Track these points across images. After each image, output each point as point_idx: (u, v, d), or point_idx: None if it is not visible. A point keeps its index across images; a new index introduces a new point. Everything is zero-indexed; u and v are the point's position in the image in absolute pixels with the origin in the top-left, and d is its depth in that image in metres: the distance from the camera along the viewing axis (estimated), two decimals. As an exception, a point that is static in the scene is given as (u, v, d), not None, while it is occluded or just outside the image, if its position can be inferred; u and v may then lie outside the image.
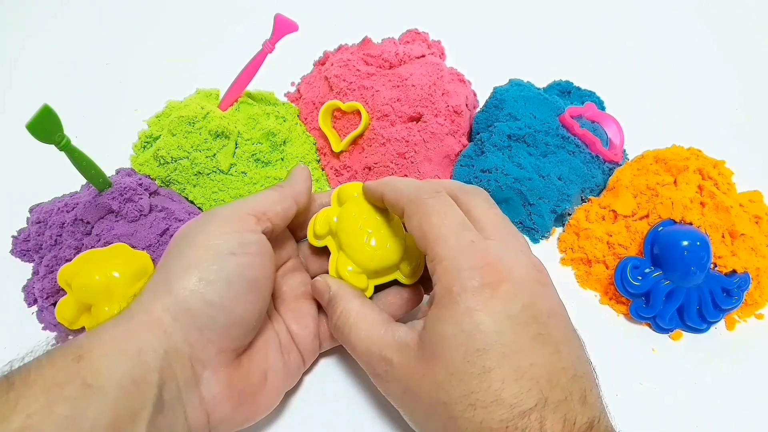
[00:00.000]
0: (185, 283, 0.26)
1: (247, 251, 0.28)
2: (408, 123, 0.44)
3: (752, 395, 0.35)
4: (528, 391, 0.23)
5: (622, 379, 0.35)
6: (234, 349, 0.28)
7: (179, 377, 0.25)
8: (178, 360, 0.25)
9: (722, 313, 0.37)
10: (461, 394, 0.23)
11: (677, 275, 0.36)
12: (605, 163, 0.44)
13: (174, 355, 0.25)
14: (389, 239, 0.32)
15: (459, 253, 0.25)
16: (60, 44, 0.56)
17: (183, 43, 0.57)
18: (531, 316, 0.24)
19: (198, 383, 0.26)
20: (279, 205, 0.30)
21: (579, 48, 0.58)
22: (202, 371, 0.26)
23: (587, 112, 0.45)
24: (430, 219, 0.27)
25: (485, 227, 0.27)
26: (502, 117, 0.44)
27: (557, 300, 0.27)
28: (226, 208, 0.29)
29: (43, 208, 0.39)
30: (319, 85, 0.48)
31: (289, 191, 0.31)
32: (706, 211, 0.38)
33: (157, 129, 0.44)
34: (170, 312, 0.25)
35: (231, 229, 0.28)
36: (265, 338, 0.30)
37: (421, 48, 0.49)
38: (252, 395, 0.29)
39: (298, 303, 0.33)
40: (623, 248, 0.39)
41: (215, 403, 0.27)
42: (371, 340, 0.28)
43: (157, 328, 0.25)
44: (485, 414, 0.23)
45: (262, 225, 0.29)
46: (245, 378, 0.28)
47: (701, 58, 0.58)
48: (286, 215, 0.30)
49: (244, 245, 0.28)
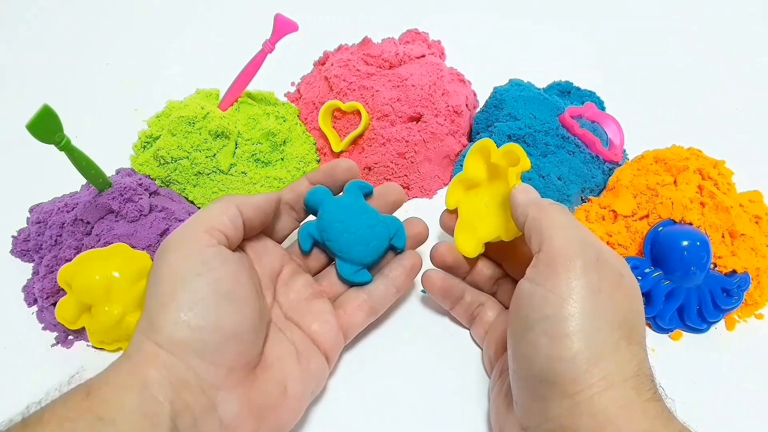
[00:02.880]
0: (166, 318, 0.26)
1: (211, 267, 0.27)
2: (408, 123, 0.44)
3: (752, 395, 0.35)
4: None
5: (622, 379, 0.35)
6: (242, 365, 0.28)
7: (193, 406, 0.25)
8: (187, 390, 0.25)
9: (722, 313, 0.37)
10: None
11: (677, 275, 0.36)
12: (605, 163, 0.44)
13: (182, 385, 0.25)
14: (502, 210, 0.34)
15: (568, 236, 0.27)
16: (60, 44, 0.56)
17: (183, 43, 0.57)
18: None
19: (215, 407, 0.26)
20: (225, 216, 0.30)
21: (579, 48, 0.58)
22: (216, 394, 0.26)
23: (587, 112, 0.45)
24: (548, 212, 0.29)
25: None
26: (502, 117, 0.44)
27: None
28: (178, 232, 0.29)
29: (43, 208, 0.39)
30: (319, 85, 0.48)
31: (233, 200, 0.31)
32: (706, 211, 0.38)
33: (157, 129, 0.44)
34: (163, 348, 0.26)
35: (188, 251, 0.28)
36: (279, 349, 0.30)
37: (421, 48, 0.49)
38: (273, 408, 0.28)
39: (311, 305, 0.33)
40: (623, 248, 0.39)
41: (237, 423, 0.27)
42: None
43: (156, 362, 0.25)
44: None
45: (217, 238, 0.29)
46: (263, 392, 0.28)
47: (701, 58, 0.58)
48: (235, 224, 0.30)
49: (205, 263, 0.27)
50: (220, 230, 0.29)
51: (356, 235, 0.34)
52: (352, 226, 0.34)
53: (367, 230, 0.34)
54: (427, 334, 0.37)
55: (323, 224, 0.34)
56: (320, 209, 0.34)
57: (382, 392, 0.34)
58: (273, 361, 0.30)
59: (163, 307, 0.26)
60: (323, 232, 0.34)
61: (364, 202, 0.35)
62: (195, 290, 0.27)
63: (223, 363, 0.27)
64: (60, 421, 0.22)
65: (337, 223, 0.34)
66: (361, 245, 0.34)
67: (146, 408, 0.24)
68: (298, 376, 0.30)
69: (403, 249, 0.35)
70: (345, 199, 0.34)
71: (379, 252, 0.34)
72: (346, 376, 0.35)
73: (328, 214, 0.34)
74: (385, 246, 0.35)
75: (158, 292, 0.27)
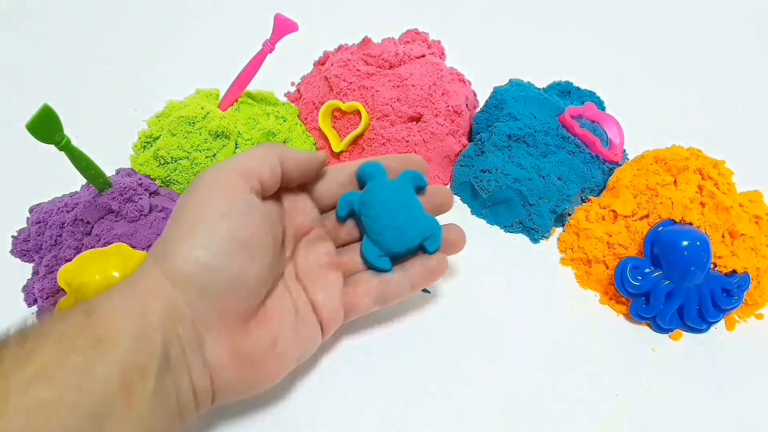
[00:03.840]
0: (180, 250, 0.26)
1: (237, 212, 0.28)
2: (408, 123, 0.44)
3: (752, 395, 0.35)
4: None
5: (622, 379, 0.35)
6: (239, 313, 0.28)
7: (183, 338, 0.26)
8: (181, 321, 0.26)
9: (722, 313, 0.37)
10: None
11: (677, 275, 0.36)
12: (605, 163, 0.44)
13: (177, 316, 0.26)
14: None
15: None
16: (60, 44, 0.56)
17: (183, 43, 0.57)
18: None
19: (202, 345, 0.27)
20: (265, 164, 0.30)
21: (579, 48, 0.58)
22: (206, 334, 0.27)
23: (587, 112, 0.45)
24: None
25: None
26: (502, 117, 0.44)
27: None
28: (212, 170, 0.29)
29: (43, 208, 0.39)
30: (319, 85, 0.48)
31: (276, 149, 0.31)
32: (706, 211, 0.38)
33: (157, 129, 0.44)
34: (169, 278, 0.26)
35: (219, 191, 0.28)
36: (279, 306, 0.31)
37: (421, 48, 0.49)
38: (258, 361, 0.29)
39: (324, 273, 0.33)
40: (623, 248, 0.39)
41: (219, 366, 0.27)
42: None
43: (158, 291, 0.26)
44: None
45: (250, 184, 0.29)
46: (253, 342, 0.28)
47: (701, 58, 0.58)
48: (273, 174, 0.30)
49: (232, 207, 0.28)
50: (256, 177, 0.29)
51: (393, 220, 0.33)
52: (392, 211, 0.33)
53: (406, 220, 0.33)
54: (428, 334, 0.37)
55: (366, 198, 0.33)
56: (369, 183, 0.34)
57: (376, 383, 0.34)
58: (271, 315, 0.30)
59: (179, 239, 0.27)
60: (363, 206, 0.33)
61: (413, 193, 0.34)
62: (214, 231, 0.27)
63: (222, 307, 0.27)
64: (59, 337, 0.22)
65: (380, 202, 0.33)
66: (395, 232, 0.33)
67: (144, 334, 0.24)
68: (291, 337, 0.30)
69: (433, 252, 0.34)
70: (396, 183, 0.34)
71: (409, 246, 0.34)
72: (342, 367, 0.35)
73: (374, 190, 0.33)
74: (417, 243, 0.34)
75: (179, 224, 0.27)
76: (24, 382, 0.21)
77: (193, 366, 0.26)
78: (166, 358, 0.25)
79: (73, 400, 0.21)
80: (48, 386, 0.21)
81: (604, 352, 0.36)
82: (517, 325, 0.37)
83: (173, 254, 0.26)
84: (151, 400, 0.24)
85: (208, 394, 0.27)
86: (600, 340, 0.37)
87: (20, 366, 0.21)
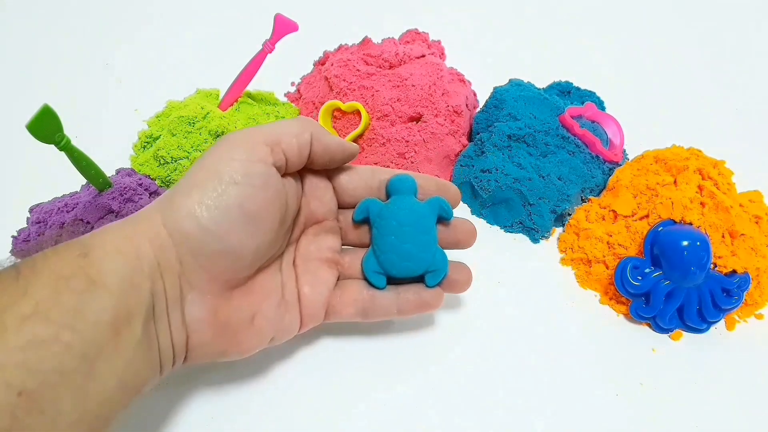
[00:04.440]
0: (185, 203, 0.26)
1: (252, 182, 0.27)
2: (408, 123, 0.44)
3: (752, 395, 0.35)
4: None
5: (622, 379, 0.35)
6: (225, 280, 0.28)
7: (168, 291, 0.26)
8: (168, 275, 0.26)
9: (722, 313, 0.37)
10: None
11: (677, 275, 0.36)
12: (605, 163, 0.44)
13: (166, 268, 0.26)
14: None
15: None
16: (60, 44, 0.56)
17: (183, 43, 0.57)
18: None
19: (183, 302, 0.27)
20: (295, 138, 0.29)
21: (579, 48, 0.58)
22: (189, 292, 0.27)
23: (587, 112, 0.45)
24: None
25: None
26: (502, 117, 0.44)
27: None
28: (241, 133, 0.28)
29: (43, 208, 0.39)
30: (319, 85, 0.48)
31: (310, 127, 0.30)
32: (706, 211, 0.38)
33: (157, 129, 0.44)
34: (168, 228, 0.26)
35: (240, 156, 0.27)
36: (267, 285, 0.30)
37: (421, 48, 0.49)
38: (234, 331, 0.29)
39: (320, 268, 0.32)
40: (623, 248, 0.39)
41: (196, 326, 0.27)
42: None
43: (155, 239, 0.25)
44: None
45: (275, 156, 0.28)
46: (232, 312, 0.28)
47: (701, 58, 0.58)
48: (301, 152, 0.29)
49: (249, 176, 0.27)
50: (282, 151, 0.28)
51: (401, 244, 0.32)
52: (404, 234, 0.32)
53: (413, 248, 0.32)
54: (427, 334, 0.37)
55: (385, 211, 0.32)
56: (394, 196, 0.33)
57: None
58: (257, 290, 0.30)
59: (188, 192, 0.26)
60: (379, 217, 0.32)
61: (433, 222, 0.33)
62: (223, 195, 0.26)
63: (209, 270, 0.27)
64: (53, 276, 0.22)
65: (395, 221, 0.32)
66: (397, 257, 0.32)
67: (134, 281, 0.24)
68: (270, 317, 0.30)
69: (432, 287, 0.33)
70: (420, 206, 0.32)
71: (407, 275, 0.33)
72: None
73: (395, 206, 0.32)
74: (416, 274, 0.33)
75: (193, 177, 0.27)
76: (20, 319, 0.21)
77: (173, 320, 0.26)
78: (151, 307, 0.25)
79: (67, 340, 0.21)
80: (44, 325, 0.21)
81: (604, 352, 0.36)
82: (516, 325, 0.37)
83: (177, 206, 0.26)
84: (136, 347, 0.24)
85: (182, 351, 0.27)
86: (600, 340, 0.37)
87: (16, 301, 0.21)
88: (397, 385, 0.34)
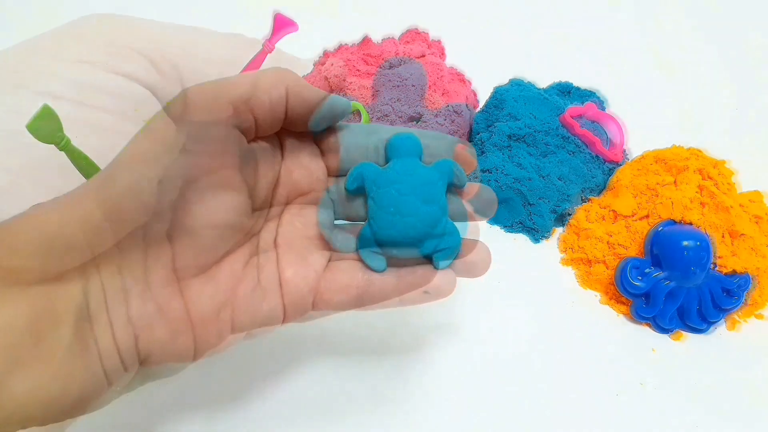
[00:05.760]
0: (124, 177, 0.21)
1: (207, 150, 0.23)
2: (408, 123, 0.44)
3: (752, 396, 0.35)
4: None
5: (622, 379, 0.35)
6: (179, 267, 0.23)
7: (105, 285, 0.22)
8: (105, 265, 0.22)
9: (723, 313, 0.37)
10: None
11: (678, 275, 0.36)
12: (606, 163, 0.44)
13: (102, 258, 0.21)
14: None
15: None
16: (60, 44, 0.56)
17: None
18: None
19: (126, 297, 0.22)
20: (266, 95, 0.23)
21: (579, 48, 0.58)
22: (133, 285, 0.22)
23: (588, 112, 0.45)
24: None
25: None
26: (502, 117, 0.44)
27: None
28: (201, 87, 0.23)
29: (43, 208, 0.38)
30: (319, 85, 0.48)
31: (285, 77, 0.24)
32: (706, 211, 0.38)
33: (157, 129, 0.43)
34: (103, 208, 0.21)
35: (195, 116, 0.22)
36: (238, 269, 0.25)
37: (421, 48, 0.49)
38: (196, 327, 0.24)
39: (306, 246, 0.27)
40: (623, 248, 0.39)
41: (145, 325, 0.23)
42: None
43: (86, 223, 0.21)
44: None
45: (240, 117, 0.23)
46: (190, 305, 0.24)
47: (701, 58, 0.58)
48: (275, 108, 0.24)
49: (204, 141, 0.22)
50: (251, 109, 0.23)
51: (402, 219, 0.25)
52: (406, 205, 0.26)
53: (417, 223, 0.26)
54: (426, 334, 0.37)
55: (382, 178, 0.26)
56: (393, 160, 0.26)
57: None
58: (222, 277, 0.25)
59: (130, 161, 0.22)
60: (375, 185, 0.26)
61: (443, 191, 0.26)
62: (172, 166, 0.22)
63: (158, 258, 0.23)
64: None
65: (395, 190, 0.26)
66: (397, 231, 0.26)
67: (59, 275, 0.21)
68: (242, 307, 0.25)
69: (441, 268, 0.26)
70: (426, 173, 0.26)
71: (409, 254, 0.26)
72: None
73: (395, 171, 0.26)
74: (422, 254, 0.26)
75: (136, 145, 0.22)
76: None
77: (115, 319, 0.22)
78: (85, 306, 0.21)
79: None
80: None
81: (604, 352, 0.36)
82: (517, 325, 0.37)
83: (115, 181, 0.21)
84: (67, 353, 0.20)
85: (133, 355, 0.23)
86: (600, 340, 0.37)
87: None
88: (397, 385, 0.34)
